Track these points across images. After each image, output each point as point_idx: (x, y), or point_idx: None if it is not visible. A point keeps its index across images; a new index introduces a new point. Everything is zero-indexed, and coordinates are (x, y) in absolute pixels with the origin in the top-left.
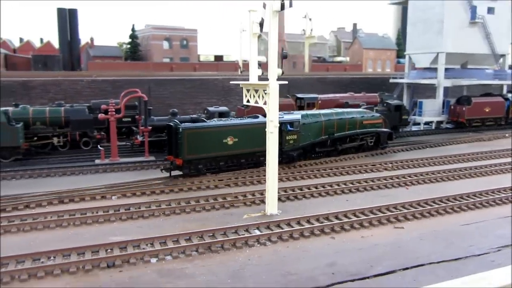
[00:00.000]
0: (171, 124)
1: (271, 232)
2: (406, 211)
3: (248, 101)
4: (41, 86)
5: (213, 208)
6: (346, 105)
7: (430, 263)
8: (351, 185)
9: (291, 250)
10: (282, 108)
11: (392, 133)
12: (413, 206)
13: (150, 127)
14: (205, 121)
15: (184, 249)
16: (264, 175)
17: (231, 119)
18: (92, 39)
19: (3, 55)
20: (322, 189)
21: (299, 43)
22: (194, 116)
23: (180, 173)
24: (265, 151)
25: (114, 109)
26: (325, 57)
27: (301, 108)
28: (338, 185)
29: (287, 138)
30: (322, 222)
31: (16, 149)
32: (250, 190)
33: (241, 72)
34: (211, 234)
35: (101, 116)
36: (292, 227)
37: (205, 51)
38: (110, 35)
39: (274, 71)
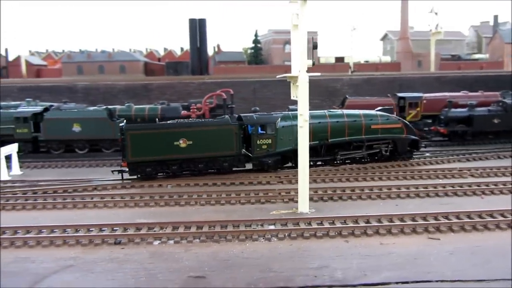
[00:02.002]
0: (121, 125)
1: (280, 228)
2: (455, 221)
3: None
4: (159, 89)
5: (248, 202)
6: (449, 104)
7: (440, 281)
8: (414, 190)
9: (291, 248)
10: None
11: (418, 141)
12: (470, 217)
13: None
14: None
15: (187, 236)
16: (321, 174)
17: (185, 120)
18: (218, 46)
19: (142, 63)
20: (377, 192)
21: (428, 41)
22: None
23: (134, 176)
24: (227, 156)
25: (195, 107)
26: (461, 54)
27: (402, 108)
28: (399, 188)
29: (258, 142)
30: (346, 224)
31: (115, 141)
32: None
33: (351, 72)
34: (224, 225)
35: (183, 113)
36: (311, 226)
37: (327, 53)
38: (237, 41)
39: (304, 62)
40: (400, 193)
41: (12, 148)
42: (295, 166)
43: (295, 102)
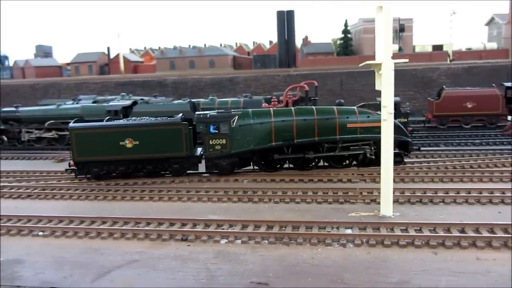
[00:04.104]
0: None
1: (358, 233)
2: None
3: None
4: (244, 82)
5: (325, 202)
6: None
7: None
8: None
9: (369, 257)
10: (482, 99)
11: (407, 143)
12: None
13: None
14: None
15: (255, 236)
16: (409, 173)
17: (132, 119)
18: (307, 37)
19: (231, 57)
20: (475, 195)
21: None
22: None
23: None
24: (178, 158)
25: (276, 100)
26: None
27: (509, 100)
28: (503, 192)
29: (210, 142)
30: (436, 233)
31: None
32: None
33: (450, 61)
34: (296, 227)
35: (264, 105)
36: (393, 232)
37: (423, 41)
38: (326, 32)
39: (389, 47)
40: (504, 198)
41: None
42: (260, 169)
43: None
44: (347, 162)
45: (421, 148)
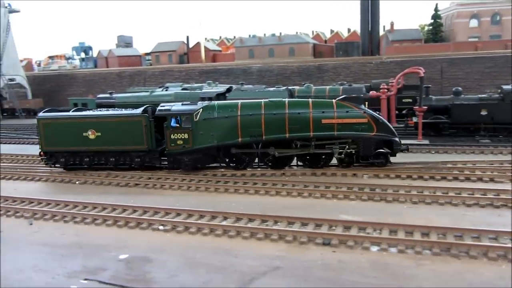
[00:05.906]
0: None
1: None
2: None
3: None
4: (333, 69)
5: (476, 205)
6: None
7: None
8: None
9: None
10: None
11: (393, 142)
12: None
13: (426, 107)
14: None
15: (415, 245)
16: None
17: (96, 110)
18: (392, 24)
19: (311, 45)
20: None
21: None
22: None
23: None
24: (139, 151)
25: (386, 88)
26: None
27: None
28: None
29: (171, 137)
30: None
31: None
32: None
33: None
34: (459, 234)
35: (372, 93)
36: None
37: None
38: (413, 18)
39: None
40: None
41: None
42: (227, 165)
43: (501, 85)
44: (323, 162)
45: None
